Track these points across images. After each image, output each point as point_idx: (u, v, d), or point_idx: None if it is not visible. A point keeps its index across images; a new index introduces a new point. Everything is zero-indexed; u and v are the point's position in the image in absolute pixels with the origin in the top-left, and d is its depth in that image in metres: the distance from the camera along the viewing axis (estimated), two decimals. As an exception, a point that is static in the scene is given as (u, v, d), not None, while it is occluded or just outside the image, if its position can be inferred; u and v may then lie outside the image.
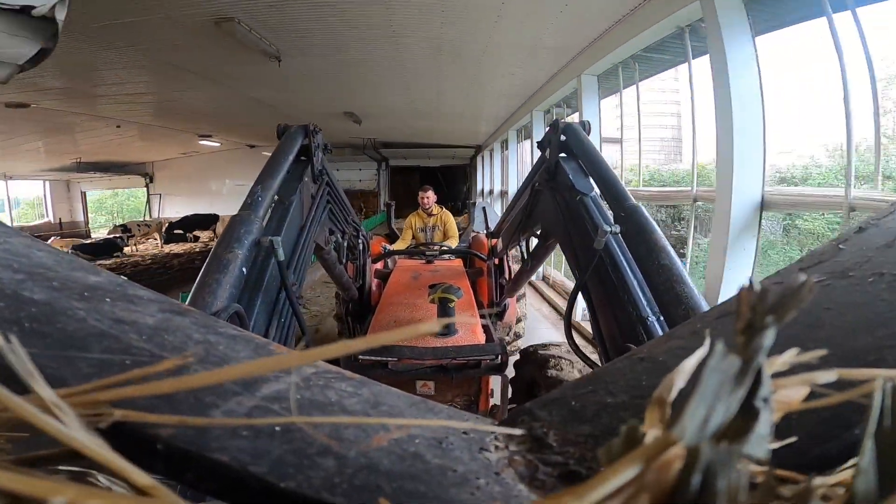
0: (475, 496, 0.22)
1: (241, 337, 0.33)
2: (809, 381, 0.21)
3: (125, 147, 12.90)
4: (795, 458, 0.22)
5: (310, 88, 7.69)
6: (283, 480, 0.20)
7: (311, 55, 5.89)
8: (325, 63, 6.15)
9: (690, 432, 0.16)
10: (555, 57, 5.65)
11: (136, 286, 0.35)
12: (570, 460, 0.26)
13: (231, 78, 6.92)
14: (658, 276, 1.22)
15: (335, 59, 6.10)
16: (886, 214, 0.43)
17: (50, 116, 8.48)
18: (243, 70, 6.37)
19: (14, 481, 0.15)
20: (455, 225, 4.76)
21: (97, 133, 10.54)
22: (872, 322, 0.31)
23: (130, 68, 6.13)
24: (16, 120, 8.37)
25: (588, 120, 1.91)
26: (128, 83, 6.85)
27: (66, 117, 8.80)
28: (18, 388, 0.18)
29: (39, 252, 0.35)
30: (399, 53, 5.88)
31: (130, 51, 5.33)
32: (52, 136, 10.49)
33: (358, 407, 0.28)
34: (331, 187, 2.09)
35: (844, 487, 0.19)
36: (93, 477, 0.24)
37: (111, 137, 11.15)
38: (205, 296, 1.06)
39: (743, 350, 0.17)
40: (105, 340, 0.26)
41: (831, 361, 0.21)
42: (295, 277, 1.49)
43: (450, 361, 2.04)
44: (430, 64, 6.30)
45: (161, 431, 0.21)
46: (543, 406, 0.32)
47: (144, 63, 5.94)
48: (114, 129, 10.27)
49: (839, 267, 0.37)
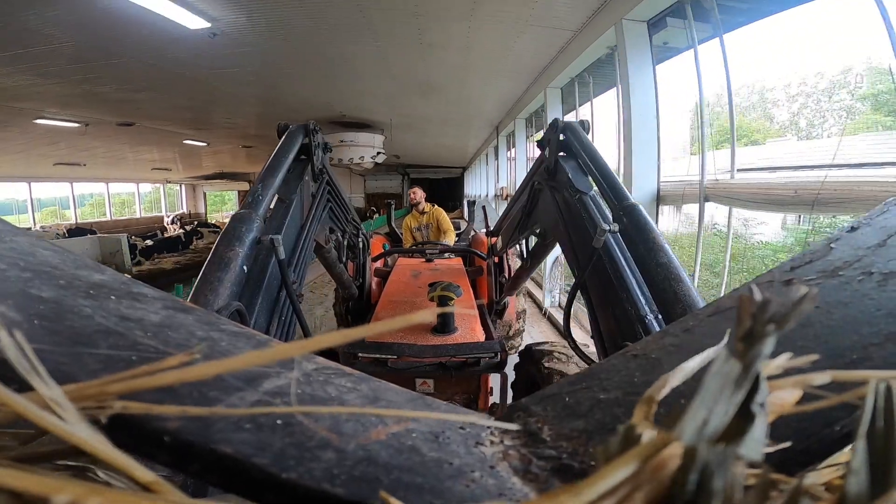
0: (470, 488, 0.23)
1: (244, 334, 0.33)
2: (803, 384, 0.21)
3: (237, 160, 18.83)
4: (788, 459, 0.23)
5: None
6: (284, 471, 0.21)
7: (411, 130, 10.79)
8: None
9: (688, 433, 0.16)
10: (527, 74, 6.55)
11: (141, 284, 0.36)
12: (563, 454, 0.27)
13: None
14: (656, 274, 1.22)
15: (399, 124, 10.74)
16: (879, 214, 0.43)
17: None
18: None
19: (16, 479, 0.15)
20: (448, 219, 4.89)
21: (220, 154, 16.40)
22: (859, 321, 0.31)
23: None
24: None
25: (587, 119, 1.91)
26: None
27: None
28: (23, 385, 0.18)
29: (45, 251, 0.35)
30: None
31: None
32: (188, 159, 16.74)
33: (357, 402, 0.28)
34: (331, 186, 2.09)
35: (836, 487, 0.19)
36: (94, 473, 0.24)
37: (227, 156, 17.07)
38: (206, 293, 1.06)
39: (743, 356, 0.17)
40: (111, 337, 0.27)
41: (819, 360, 0.21)
42: (295, 276, 1.49)
43: (449, 359, 2.05)
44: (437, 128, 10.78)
45: (168, 424, 0.21)
46: (538, 402, 0.32)
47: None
48: (230, 150, 16.07)
49: (829, 266, 0.38)
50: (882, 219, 0.42)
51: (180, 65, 5.90)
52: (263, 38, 5.00)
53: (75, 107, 8.26)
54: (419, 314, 0.19)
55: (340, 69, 6.07)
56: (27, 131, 9.55)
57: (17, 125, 8.94)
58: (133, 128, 10.38)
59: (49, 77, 6.18)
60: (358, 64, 5.86)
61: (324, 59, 5.67)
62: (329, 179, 2.06)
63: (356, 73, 6.30)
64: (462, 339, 2.21)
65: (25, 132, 9.63)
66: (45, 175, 15.06)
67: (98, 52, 5.45)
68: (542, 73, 6.13)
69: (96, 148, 12.51)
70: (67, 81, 6.47)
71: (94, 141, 11.38)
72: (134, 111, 8.92)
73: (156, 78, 6.49)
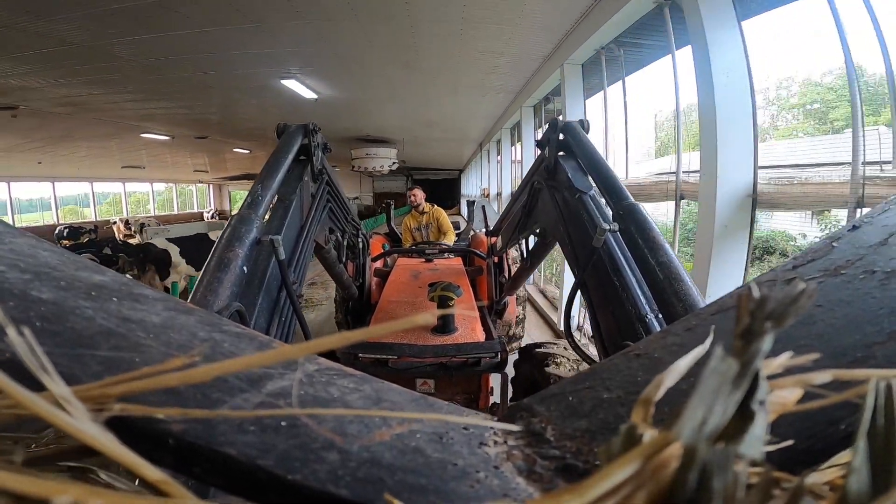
0: (474, 489, 0.23)
1: (245, 335, 0.33)
2: (804, 383, 0.21)
3: (257, 162, 19.54)
4: (790, 458, 0.23)
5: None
6: (289, 473, 0.21)
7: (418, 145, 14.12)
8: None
9: (688, 432, 0.16)
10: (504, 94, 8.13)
11: (141, 285, 0.36)
12: (566, 454, 0.27)
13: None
14: (657, 273, 1.22)
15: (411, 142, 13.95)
16: (882, 212, 0.43)
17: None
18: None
19: (17, 481, 0.15)
20: (447, 219, 4.90)
21: (239, 157, 17.56)
22: (861, 319, 0.31)
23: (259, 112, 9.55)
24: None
25: (587, 119, 1.91)
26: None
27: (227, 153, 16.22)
28: (32, 384, 0.18)
29: (45, 252, 0.35)
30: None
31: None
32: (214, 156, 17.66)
33: (360, 403, 0.28)
34: (330, 186, 2.09)
35: (837, 486, 0.19)
36: (96, 475, 0.24)
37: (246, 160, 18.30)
38: (207, 294, 1.07)
39: (741, 354, 0.17)
40: (113, 339, 0.27)
41: (821, 359, 0.22)
42: (295, 276, 1.49)
43: (450, 359, 2.05)
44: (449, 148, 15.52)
45: (171, 427, 0.21)
46: (541, 401, 0.32)
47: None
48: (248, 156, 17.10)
49: (831, 264, 0.38)
50: (883, 217, 0.42)
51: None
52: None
53: (174, 124, 10.34)
54: (420, 316, 0.19)
55: (370, 105, 8.94)
56: (127, 141, 11.62)
57: (123, 137, 11.02)
58: (204, 140, 12.64)
59: (169, 102, 8.07)
60: (382, 104, 8.79)
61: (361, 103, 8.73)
62: (329, 180, 2.05)
63: (380, 109, 9.29)
64: (462, 340, 2.21)
65: (126, 141, 11.70)
66: (108, 176, 17.54)
67: (222, 101, 8.11)
68: (520, 92, 7.35)
69: (164, 155, 14.90)
70: (182, 106, 8.52)
71: (161, 147, 13.24)
72: (208, 128, 11.16)
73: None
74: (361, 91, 7.57)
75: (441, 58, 5.70)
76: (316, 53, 5.53)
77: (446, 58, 5.67)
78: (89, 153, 12.89)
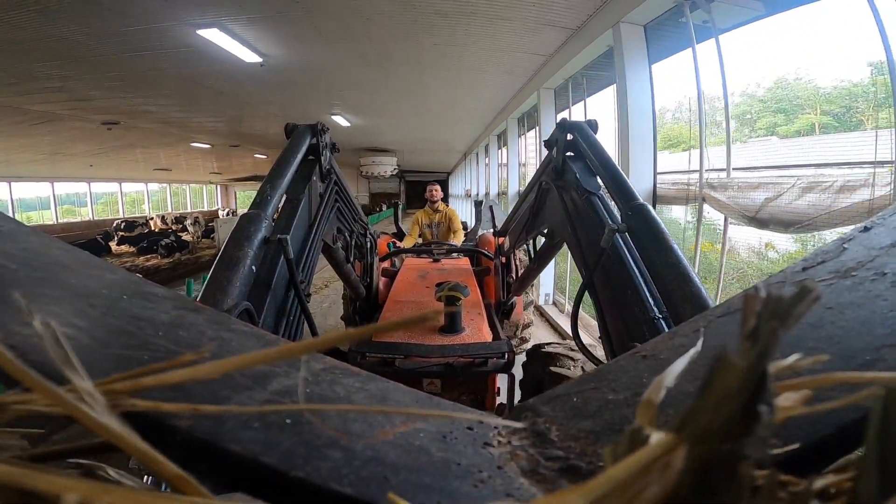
0: (478, 489, 0.23)
1: (253, 333, 0.33)
2: (812, 385, 0.21)
3: (263, 165, 21.85)
4: (797, 461, 0.22)
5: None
6: (293, 470, 0.21)
7: (414, 154, 18.75)
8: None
9: (692, 433, 0.16)
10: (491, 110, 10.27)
11: (151, 284, 0.36)
12: (570, 455, 0.27)
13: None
14: (665, 274, 1.21)
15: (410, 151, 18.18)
16: (893, 214, 0.42)
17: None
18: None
19: (27, 477, 0.15)
20: (459, 220, 4.92)
21: (244, 161, 19.30)
22: (871, 321, 0.31)
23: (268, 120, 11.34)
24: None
25: (595, 119, 1.90)
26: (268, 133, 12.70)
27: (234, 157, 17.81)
28: (56, 377, 0.18)
29: (57, 251, 0.35)
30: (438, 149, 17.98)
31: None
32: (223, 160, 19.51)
33: (365, 402, 0.29)
34: (339, 186, 2.09)
35: (846, 490, 0.19)
36: (104, 472, 0.25)
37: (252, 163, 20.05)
38: (216, 293, 1.07)
39: (747, 355, 0.17)
40: (123, 337, 0.27)
41: (830, 361, 0.21)
42: (303, 275, 1.50)
43: (456, 359, 2.04)
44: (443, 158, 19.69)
45: (180, 423, 0.21)
46: (546, 402, 0.32)
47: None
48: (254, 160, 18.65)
49: (842, 266, 0.37)
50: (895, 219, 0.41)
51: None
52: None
53: (217, 135, 12.71)
54: (427, 313, 0.19)
55: (382, 127, 12.29)
56: (177, 148, 13.71)
57: (176, 146, 13.29)
58: (237, 147, 14.89)
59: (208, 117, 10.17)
60: (390, 127, 12.12)
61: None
62: (337, 179, 2.06)
63: (388, 129, 12.63)
64: (469, 340, 2.21)
65: (174, 148, 13.69)
66: (139, 177, 19.41)
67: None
68: (504, 109, 9.07)
69: (196, 159, 16.77)
70: (226, 122, 10.99)
71: (194, 153, 15.13)
72: (240, 138, 13.35)
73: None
74: (379, 118, 10.91)
75: (439, 96, 8.35)
76: (356, 99, 8.64)
77: (443, 96, 8.34)
78: (137, 158, 14.64)
